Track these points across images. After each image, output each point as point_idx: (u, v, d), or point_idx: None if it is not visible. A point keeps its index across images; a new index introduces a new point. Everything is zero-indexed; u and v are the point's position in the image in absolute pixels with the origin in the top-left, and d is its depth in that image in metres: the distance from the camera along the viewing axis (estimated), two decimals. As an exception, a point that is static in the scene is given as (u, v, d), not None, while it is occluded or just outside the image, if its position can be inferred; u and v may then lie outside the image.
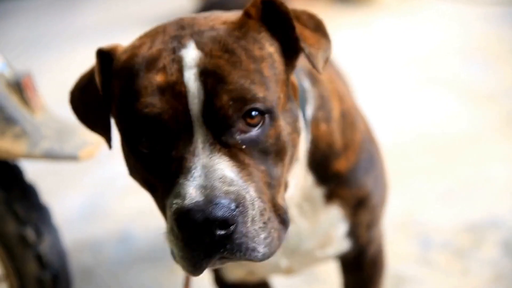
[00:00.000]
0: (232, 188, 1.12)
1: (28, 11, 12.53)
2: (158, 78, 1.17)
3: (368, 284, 1.80)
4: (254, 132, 1.19)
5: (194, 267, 1.15)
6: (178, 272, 2.56)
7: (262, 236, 1.16)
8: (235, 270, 1.66)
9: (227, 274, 1.69)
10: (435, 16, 6.28)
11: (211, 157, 1.15)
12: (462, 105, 3.99)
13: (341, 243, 1.61)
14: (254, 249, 1.14)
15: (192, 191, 1.10)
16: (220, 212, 1.08)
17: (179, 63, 1.18)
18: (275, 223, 1.19)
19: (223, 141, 1.16)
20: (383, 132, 2.04)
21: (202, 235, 1.10)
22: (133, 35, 1.37)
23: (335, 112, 1.53)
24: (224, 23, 1.26)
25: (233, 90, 1.15)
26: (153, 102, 1.15)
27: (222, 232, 1.10)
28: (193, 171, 1.13)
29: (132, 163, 1.27)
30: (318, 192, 1.51)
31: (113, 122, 1.32)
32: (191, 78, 1.15)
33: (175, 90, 1.15)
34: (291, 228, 1.39)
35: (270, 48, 1.26)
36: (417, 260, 2.53)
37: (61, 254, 2.03)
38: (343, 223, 1.57)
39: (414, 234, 2.68)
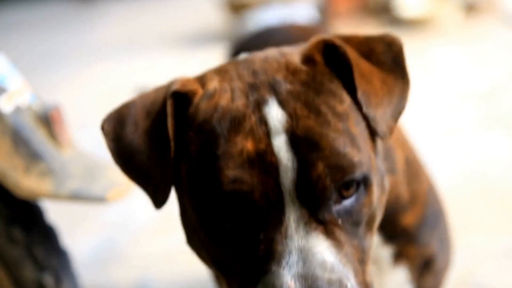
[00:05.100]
0: (334, 276, 1.09)
1: (44, 22, 12.91)
2: (248, 146, 1.14)
3: None
4: (349, 202, 1.16)
5: None
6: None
7: None
8: None
9: None
10: (500, 45, 6.24)
11: (307, 238, 1.11)
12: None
13: None
14: None
15: (291, 282, 1.07)
16: None
17: (266, 125, 1.16)
18: None
19: (319, 218, 1.14)
20: (437, 178, 2.08)
21: None
22: (152, 53, 1.41)
23: (400, 162, 1.53)
24: (294, 72, 1.24)
25: (328, 156, 1.13)
26: (243, 177, 1.12)
27: None
28: (287, 257, 1.10)
29: (202, 236, 1.22)
30: (386, 252, 1.50)
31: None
32: (282, 148, 1.13)
33: (265, 161, 1.13)
34: None
35: (348, 99, 1.23)
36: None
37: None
38: (408, 287, 1.57)
39: (474, 298, 2.62)
